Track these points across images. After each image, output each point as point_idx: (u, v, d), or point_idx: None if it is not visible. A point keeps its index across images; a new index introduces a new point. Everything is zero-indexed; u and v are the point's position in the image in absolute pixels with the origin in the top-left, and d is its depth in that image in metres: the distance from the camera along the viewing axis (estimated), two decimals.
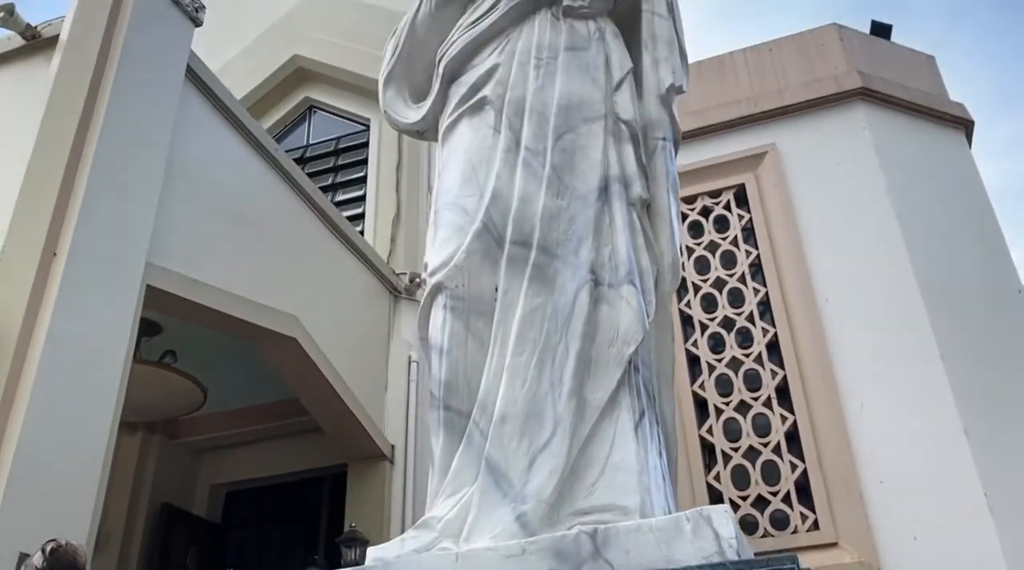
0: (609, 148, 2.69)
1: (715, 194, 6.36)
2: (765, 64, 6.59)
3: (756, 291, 5.94)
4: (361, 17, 7.04)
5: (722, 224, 6.29)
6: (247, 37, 7.26)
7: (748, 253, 6.09)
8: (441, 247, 2.61)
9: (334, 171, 6.66)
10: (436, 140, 3.10)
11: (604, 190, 2.61)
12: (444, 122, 2.99)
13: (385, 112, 3.31)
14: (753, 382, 5.67)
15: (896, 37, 6.94)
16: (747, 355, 5.74)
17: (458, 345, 2.45)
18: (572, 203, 2.57)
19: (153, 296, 4.24)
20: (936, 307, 5.47)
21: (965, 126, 6.51)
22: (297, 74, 7.04)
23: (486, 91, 2.87)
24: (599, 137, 2.69)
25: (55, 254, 3.89)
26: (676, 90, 2.94)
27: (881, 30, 6.81)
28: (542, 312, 2.40)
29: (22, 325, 3.62)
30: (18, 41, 4.81)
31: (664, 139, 2.87)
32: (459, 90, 2.97)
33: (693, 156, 6.09)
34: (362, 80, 6.68)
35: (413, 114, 3.20)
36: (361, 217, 6.34)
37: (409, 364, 5.65)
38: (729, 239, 6.19)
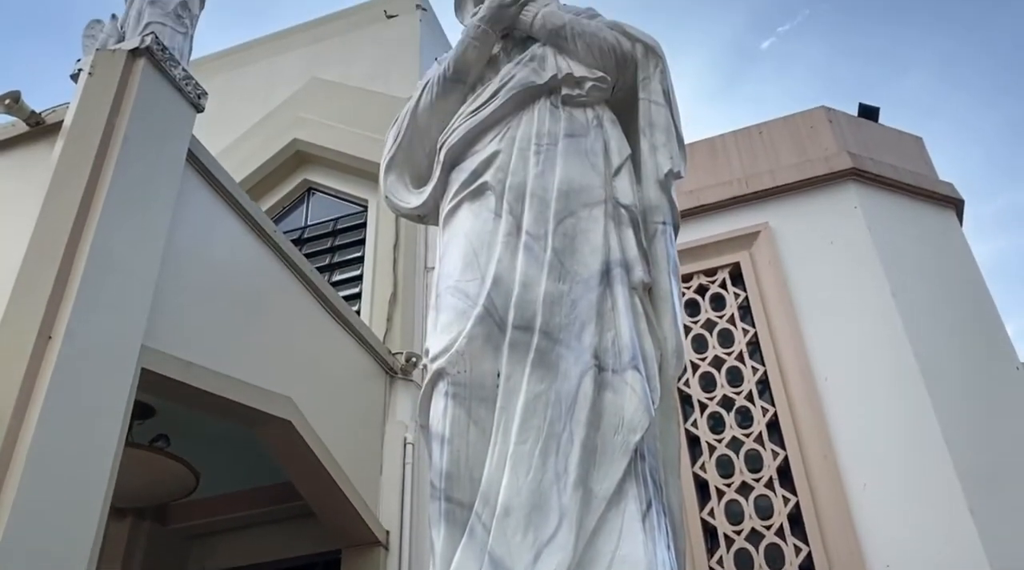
0: (610, 232, 2.71)
1: (711, 272, 6.40)
2: (756, 146, 6.72)
3: (755, 369, 5.91)
4: (360, 102, 7.20)
5: (719, 302, 6.30)
6: (248, 121, 7.39)
7: (745, 331, 6.09)
8: (443, 332, 2.60)
9: (331, 251, 6.69)
10: (437, 224, 3.12)
11: (606, 274, 2.62)
12: (445, 207, 3.01)
13: (387, 197, 3.35)
14: (754, 463, 5.59)
15: (884, 118, 7.11)
16: (747, 435, 5.67)
17: (460, 434, 2.40)
18: (574, 287, 2.57)
19: (148, 379, 4.19)
20: (936, 386, 5.44)
21: (955, 205, 6.60)
22: (296, 157, 7.14)
23: (487, 177, 2.90)
24: (600, 221, 2.72)
25: (50, 338, 3.85)
26: (674, 175, 2.99)
27: (869, 113, 6.98)
28: (545, 399, 2.37)
29: (13, 410, 3.55)
30: (22, 127, 4.88)
31: (664, 223, 2.90)
32: (460, 176, 3.01)
33: (688, 235, 6.13)
34: (360, 162, 6.78)
35: (414, 199, 3.24)
36: (358, 297, 6.33)
37: (405, 446, 5.56)
38: (726, 317, 6.20)
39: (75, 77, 4.97)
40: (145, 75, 4.81)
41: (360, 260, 6.58)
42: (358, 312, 6.11)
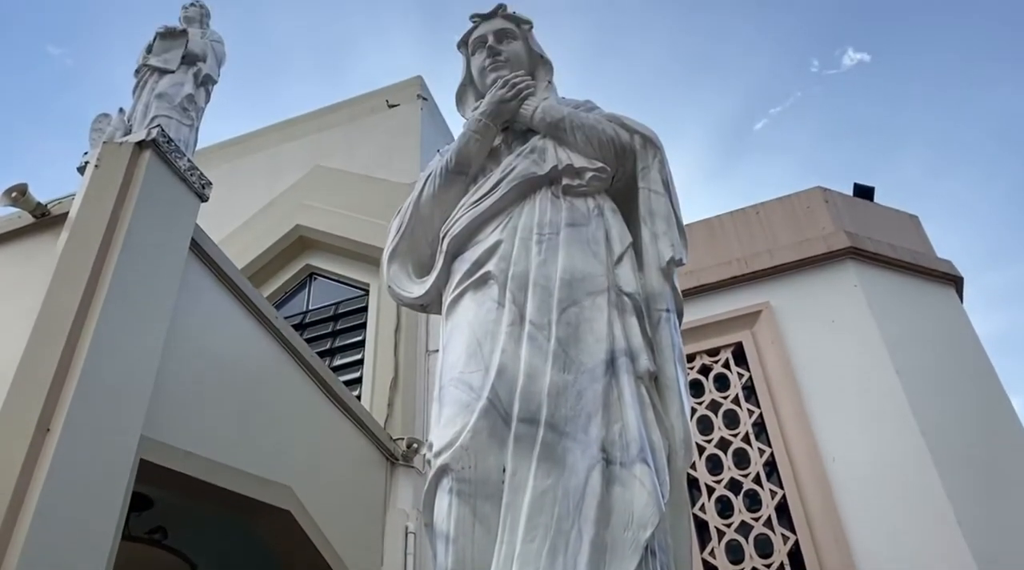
0: (614, 321, 2.70)
1: (713, 352, 6.37)
2: (754, 226, 6.79)
3: (761, 451, 5.83)
4: (362, 188, 7.31)
5: (722, 383, 6.26)
6: (252, 208, 7.50)
7: (751, 412, 6.03)
8: (446, 426, 2.56)
9: (333, 336, 6.69)
10: (440, 313, 3.13)
11: (611, 364, 2.60)
12: (448, 297, 3.02)
13: (389, 287, 3.36)
14: (764, 547, 5.45)
15: (879, 198, 7.20)
16: (756, 519, 5.55)
17: (465, 533, 2.34)
18: (579, 378, 2.55)
19: (146, 470, 4.12)
20: (945, 464, 5.36)
21: (955, 282, 6.63)
22: (299, 242, 7.22)
23: (489, 266, 2.91)
24: (603, 310, 2.71)
25: (48, 430, 3.81)
26: (676, 263, 3.00)
27: (864, 192, 7.08)
28: (552, 494, 2.31)
29: (10, 503, 3.49)
30: (28, 219, 4.93)
31: (667, 310, 2.90)
32: (463, 266, 3.02)
33: (689, 315, 6.10)
34: (362, 247, 6.85)
35: (417, 289, 3.25)
36: (359, 381, 6.29)
37: (406, 535, 5.44)
38: (731, 398, 6.15)
39: (82, 170, 5.05)
40: (151, 166, 4.90)
41: (361, 344, 6.57)
42: (359, 397, 6.06)
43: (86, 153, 5.26)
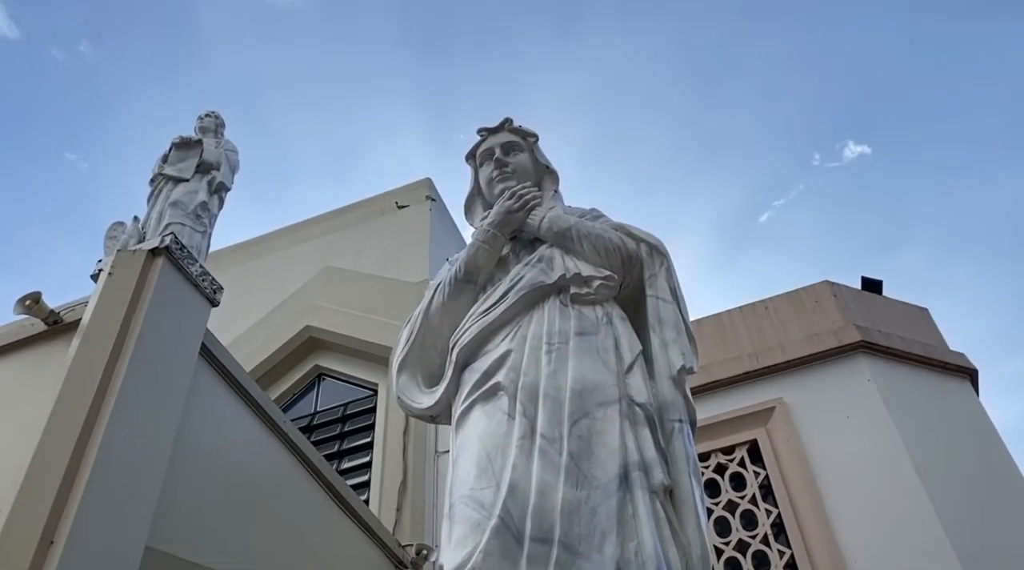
0: (626, 432, 2.67)
1: (728, 451, 6.27)
2: (764, 321, 6.78)
3: (781, 553, 5.65)
4: (372, 288, 7.37)
5: (738, 482, 6.13)
6: (262, 310, 7.55)
7: (768, 512, 5.88)
8: (457, 547, 2.49)
9: (341, 438, 6.61)
10: (449, 424, 3.09)
11: (624, 478, 2.55)
12: (458, 408, 2.99)
13: (399, 398, 3.34)
14: None
15: (887, 291, 7.21)
16: None
17: None
18: (592, 494, 2.49)
19: None
20: (971, 564, 5.18)
21: (969, 374, 6.55)
22: (308, 343, 7.23)
23: (499, 377, 2.90)
24: (615, 422, 2.68)
25: (52, 542, 3.74)
26: (687, 371, 2.99)
27: (872, 285, 7.09)
28: None
29: None
30: (40, 326, 4.97)
31: (680, 421, 2.86)
32: (472, 376, 3.01)
33: (702, 412, 6.01)
34: (371, 347, 6.85)
35: (426, 399, 3.23)
36: (367, 485, 6.19)
37: None
38: (747, 498, 6.00)
39: (95, 277, 5.12)
40: (163, 273, 4.95)
41: (369, 446, 6.49)
42: (367, 501, 5.95)
43: (100, 260, 5.33)
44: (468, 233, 4.01)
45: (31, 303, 4.95)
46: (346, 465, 6.39)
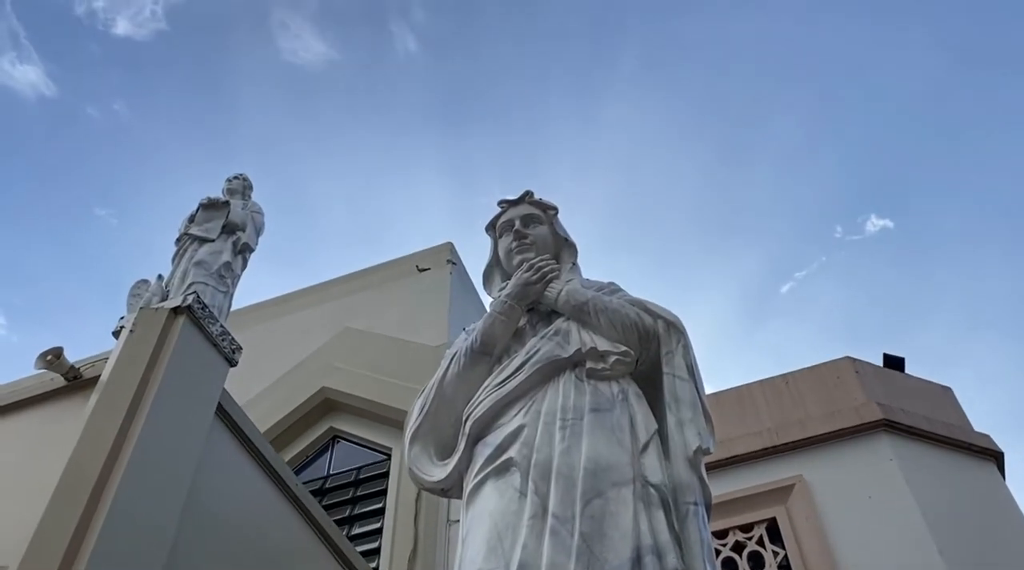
0: (640, 514, 2.61)
1: (747, 528, 6.12)
2: (784, 396, 6.69)
3: None
4: (389, 351, 7.37)
5: (757, 561, 5.97)
6: (280, 370, 7.56)
7: None
8: None
9: (352, 502, 6.54)
10: (460, 498, 3.05)
11: (637, 562, 2.48)
12: (469, 483, 2.95)
13: (410, 469, 3.30)
14: None
15: (910, 367, 7.11)
16: None
17: None
18: None
19: None
20: None
21: (995, 457, 6.41)
22: (324, 405, 7.22)
23: (512, 452, 2.86)
24: (628, 503, 2.63)
25: None
26: (704, 452, 2.94)
27: (894, 363, 7.00)
28: None
29: None
30: (60, 381, 5.01)
31: (695, 503, 2.80)
32: (485, 450, 2.98)
33: (721, 488, 5.94)
34: (387, 410, 6.82)
35: (438, 472, 3.19)
36: (377, 552, 6.09)
37: None
38: None
39: (117, 334, 5.18)
40: (184, 332, 5.00)
41: (381, 511, 6.41)
42: (376, 569, 5.85)
43: (123, 317, 5.40)
44: (488, 299, 4.03)
45: (52, 358, 5.00)
46: (357, 531, 6.31)
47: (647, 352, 3.28)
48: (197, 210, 5.91)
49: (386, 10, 21.32)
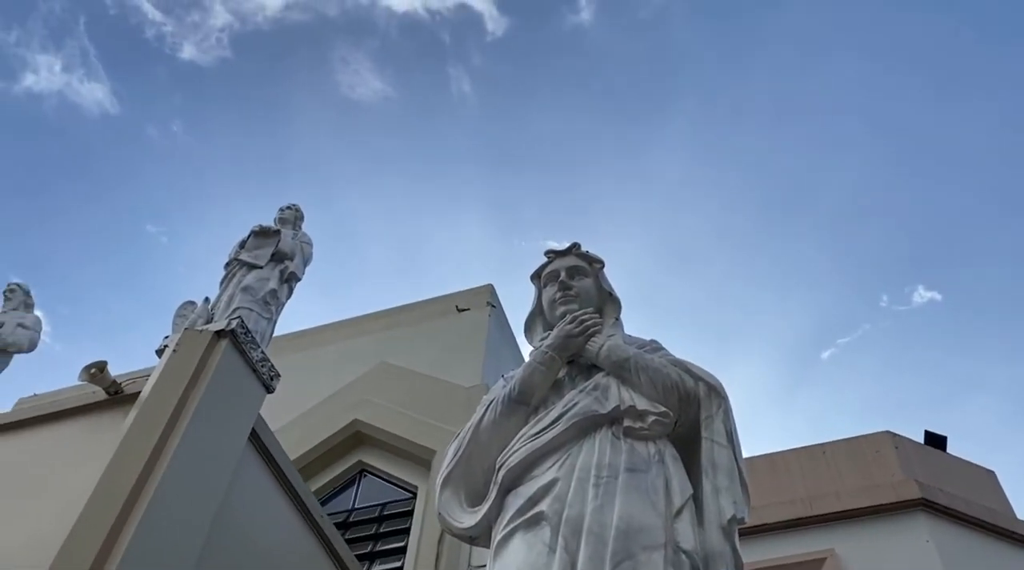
0: None
1: None
2: (820, 466, 6.55)
3: None
4: (424, 388, 7.39)
5: None
6: (314, 399, 7.61)
7: None
8: None
9: (375, 539, 6.51)
10: (487, 546, 3.02)
11: None
12: (498, 532, 2.92)
13: (439, 513, 3.28)
14: None
15: (951, 447, 6.93)
16: None
17: None
18: None
19: None
20: None
21: None
22: (354, 437, 7.24)
23: (543, 506, 2.83)
24: (659, 568, 2.58)
25: None
26: (738, 521, 2.89)
27: (936, 441, 6.83)
28: None
29: None
30: (101, 395, 5.10)
31: None
32: (516, 501, 2.95)
33: (751, 555, 5.77)
34: (416, 448, 6.82)
35: (468, 519, 3.16)
36: None
37: None
38: None
39: (160, 352, 5.27)
40: (225, 355, 5.08)
41: (403, 550, 6.36)
42: None
43: (167, 336, 5.49)
44: (525, 343, 4.03)
45: (96, 372, 5.10)
46: (377, 568, 6.27)
47: (686, 414, 3.24)
48: (249, 236, 6.03)
49: (445, 52, 21.80)
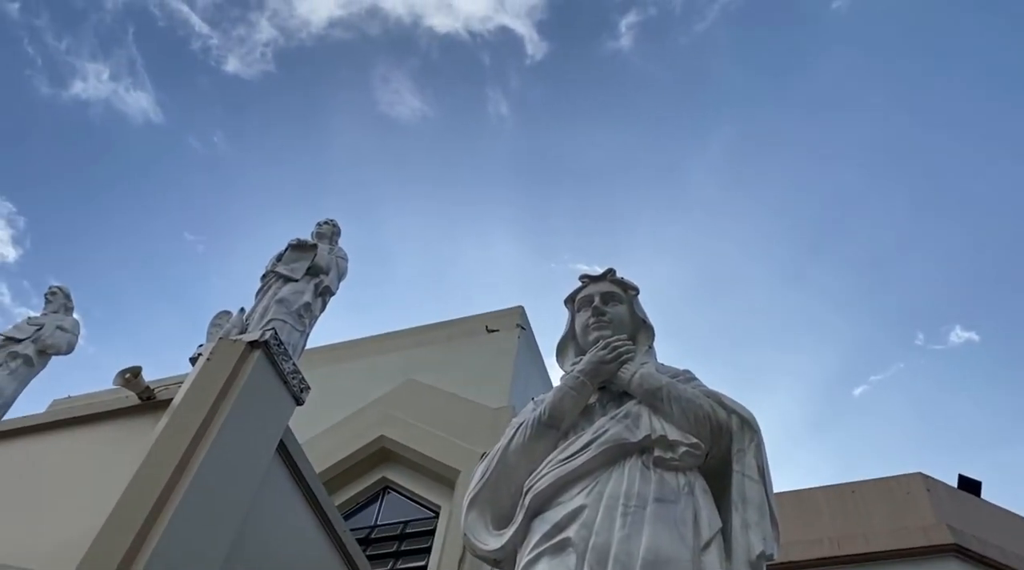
0: None
1: None
2: (849, 505, 6.44)
3: None
4: (449, 407, 7.39)
5: None
6: (342, 412, 7.64)
7: None
8: None
9: (396, 556, 6.48)
10: None
11: None
12: (523, 557, 2.90)
13: (465, 535, 3.27)
14: None
15: (986, 493, 6.77)
16: None
17: None
18: None
19: None
20: None
21: None
22: (380, 453, 7.24)
23: (570, 532, 2.81)
24: None
25: None
26: (767, 558, 2.84)
27: (970, 485, 6.68)
28: None
29: None
30: (134, 400, 5.17)
31: None
32: (542, 526, 2.93)
33: None
34: (440, 467, 6.80)
35: (493, 542, 3.14)
36: None
37: None
38: None
39: (194, 360, 5.33)
40: (257, 365, 5.13)
41: (424, 569, 6.33)
42: None
43: (201, 345, 5.55)
44: (552, 365, 4.03)
45: (130, 377, 5.18)
46: None
47: (718, 447, 3.20)
48: (286, 249, 6.09)
49: (484, 74, 22.00)
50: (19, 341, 6.79)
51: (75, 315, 7.46)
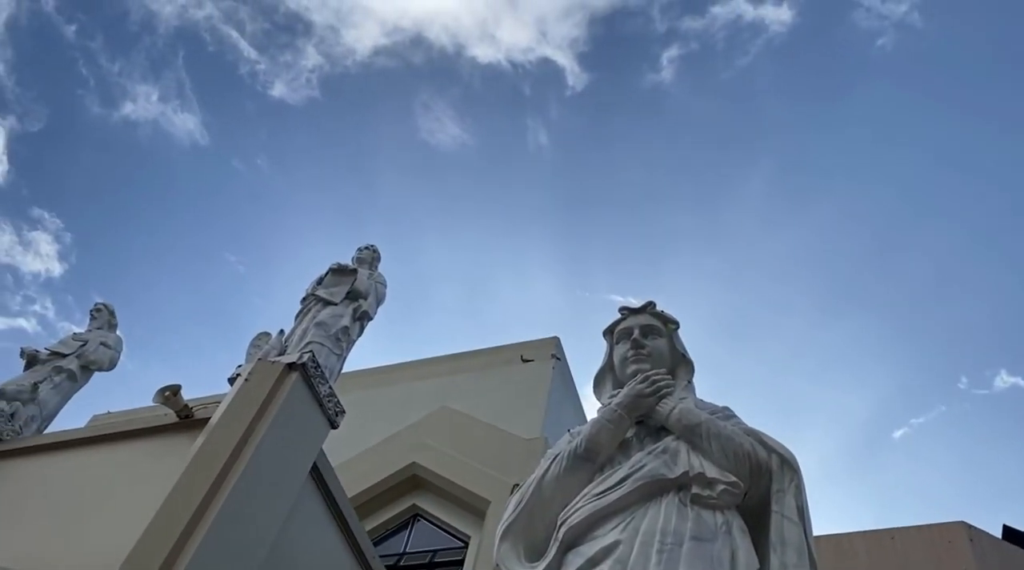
0: None
1: None
2: (887, 552, 6.27)
3: None
4: (482, 436, 7.37)
5: None
6: (375, 437, 7.66)
7: None
8: None
9: None
10: None
11: None
12: None
13: (497, 566, 3.23)
14: None
15: None
16: None
17: None
18: None
19: None
20: None
21: None
22: (411, 480, 7.24)
23: (604, 568, 2.76)
24: None
25: None
26: None
27: (1015, 537, 6.47)
28: None
29: None
30: (172, 418, 5.24)
31: None
32: (576, 560, 2.89)
33: None
34: (470, 496, 6.78)
35: None
36: None
37: None
38: None
39: (232, 380, 5.40)
40: (294, 388, 5.18)
41: None
42: None
43: (240, 365, 5.62)
44: (587, 396, 3.99)
45: (170, 395, 5.25)
46: None
47: (757, 486, 3.14)
48: (327, 273, 6.17)
49: (524, 104, 22.18)
50: (64, 356, 6.94)
51: (118, 332, 7.61)
